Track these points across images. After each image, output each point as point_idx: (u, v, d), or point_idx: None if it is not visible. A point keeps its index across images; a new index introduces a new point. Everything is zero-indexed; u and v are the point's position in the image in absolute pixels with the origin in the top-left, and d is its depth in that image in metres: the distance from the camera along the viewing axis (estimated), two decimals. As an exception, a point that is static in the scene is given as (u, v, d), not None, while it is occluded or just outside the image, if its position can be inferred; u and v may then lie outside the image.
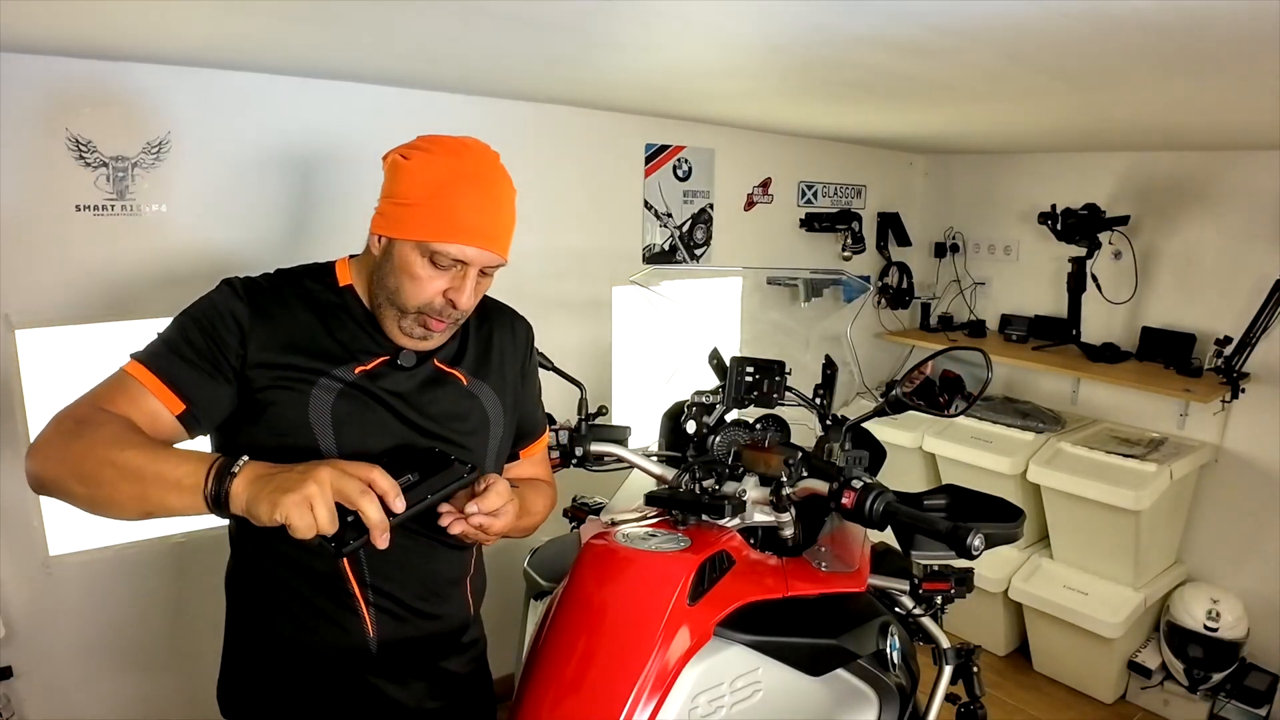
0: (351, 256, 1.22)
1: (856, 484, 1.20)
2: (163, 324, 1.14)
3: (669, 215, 2.88)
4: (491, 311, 1.33)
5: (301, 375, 1.11)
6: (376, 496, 0.93)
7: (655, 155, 2.79)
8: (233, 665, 1.26)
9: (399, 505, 0.94)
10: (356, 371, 1.14)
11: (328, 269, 1.21)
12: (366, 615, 1.17)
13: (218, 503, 0.92)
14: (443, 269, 1.10)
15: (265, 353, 1.10)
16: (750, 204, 3.16)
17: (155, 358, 1.07)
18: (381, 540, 0.93)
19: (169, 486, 0.93)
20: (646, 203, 2.80)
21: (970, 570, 1.54)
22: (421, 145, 1.12)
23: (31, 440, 0.99)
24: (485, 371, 1.26)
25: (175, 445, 1.03)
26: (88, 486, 0.95)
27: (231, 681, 1.26)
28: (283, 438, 1.10)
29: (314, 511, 0.89)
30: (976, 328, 3.58)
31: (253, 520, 0.91)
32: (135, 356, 1.08)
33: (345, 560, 1.13)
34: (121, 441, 0.95)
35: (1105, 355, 3.09)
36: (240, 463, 0.94)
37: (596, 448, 1.58)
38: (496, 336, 1.30)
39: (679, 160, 2.86)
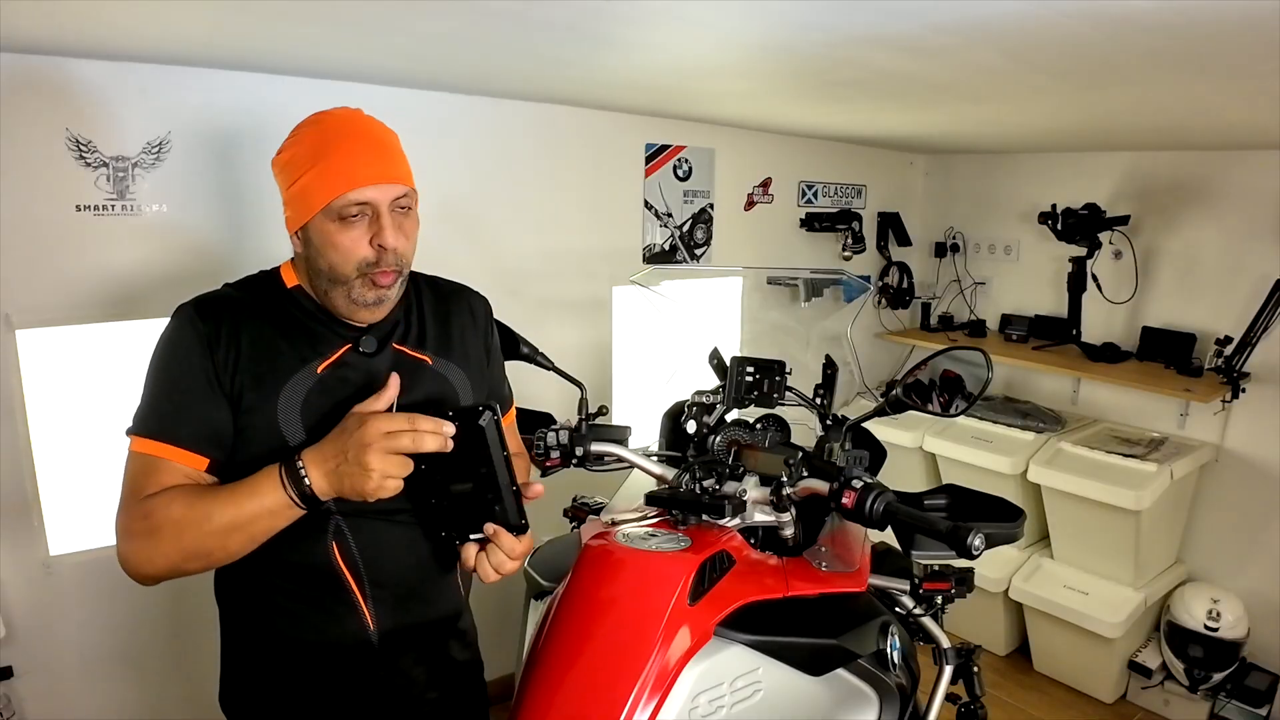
0: (292, 258, 1.23)
1: (857, 484, 1.19)
2: (163, 325, 1.15)
3: (669, 215, 2.88)
4: (447, 292, 1.33)
5: (266, 387, 1.12)
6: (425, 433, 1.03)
7: (655, 155, 2.79)
8: (233, 668, 1.26)
9: (450, 430, 1.04)
10: (320, 369, 1.15)
11: (274, 274, 1.22)
12: (365, 609, 1.17)
13: (308, 503, 1.04)
14: (356, 222, 1.10)
15: (230, 368, 1.11)
16: (750, 204, 3.16)
17: (155, 426, 1.10)
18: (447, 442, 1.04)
19: (265, 517, 1.04)
20: (646, 203, 2.80)
21: (970, 570, 1.54)
22: (290, 135, 1.16)
23: (118, 541, 1.08)
24: (448, 350, 1.27)
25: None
26: (202, 560, 1.06)
27: (233, 684, 1.27)
28: (258, 446, 1.11)
29: (397, 471, 1.01)
30: (977, 327, 3.58)
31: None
32: (136, 432, 1.11)
33: (338, 556, 1.15)
34: (200, 509, 1.04)
35: (1105, 355, 3.09)
36: (300, 465, 1.03)
37: (597, 448, 1.58)
38: (455, 315, 1.31)
39: (679, 160, 2.86)
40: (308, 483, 1.02)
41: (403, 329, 1.24)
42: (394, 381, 1.09)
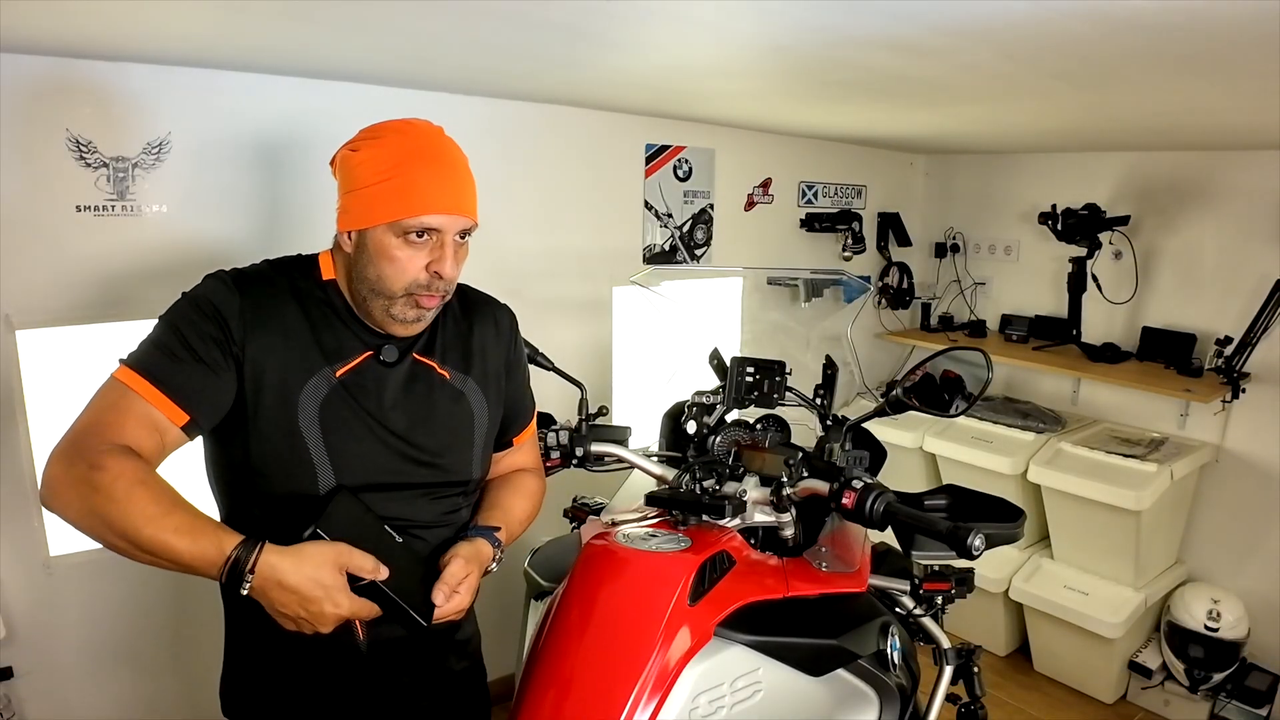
0: (332, 250, 1.21)
1: (857, 484, 1.19)
2: (162, 324, 1.14)
3: (669, 215, 2.88)
4: (473, 303, 1.32)
5: (290, 377, 1.11)
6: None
7: (655, 155, 2.79)
8: (234, 665, 1.27)
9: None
10: (339, 374, 1.14)
11: (312, 262, 1.20)
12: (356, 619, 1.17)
13: (234, 589, 0.97)
14: (418, 244, 1.10)
15: (257, 347, 1.10)
16: (750, 204, 3.16)
17: (151, 365, 1.06)
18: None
19: (184, 568, 0.97)
20: (647, 203, 2.80)
21: (971, 570, 1.54)
22: (365, 134, 1.13)
23: (41, 469, 1.01)
24: (468, 365, 1.26)
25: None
26: (106, 544, 0.98)
27: (233, 681, 1.27)
28: (273, 443, 1.11)
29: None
30: (977, 328, 3.58)
31: None
32: (129, 364, 1.06)
33: None
34: (132, 516, 0.95)
35: (1106, 355, 3.09)
36: (249, 576, 0.96)
37: (597, 448, 1.58)
38: (478, 329, 1.30)
39: (679, 160, 2.86)
40: (244, 591, 0.96)
41: (426, 339, 1.23)
42: (381, 571, 1.04)
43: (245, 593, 0.96)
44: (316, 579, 0.97)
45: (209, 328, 1.08)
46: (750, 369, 1.61)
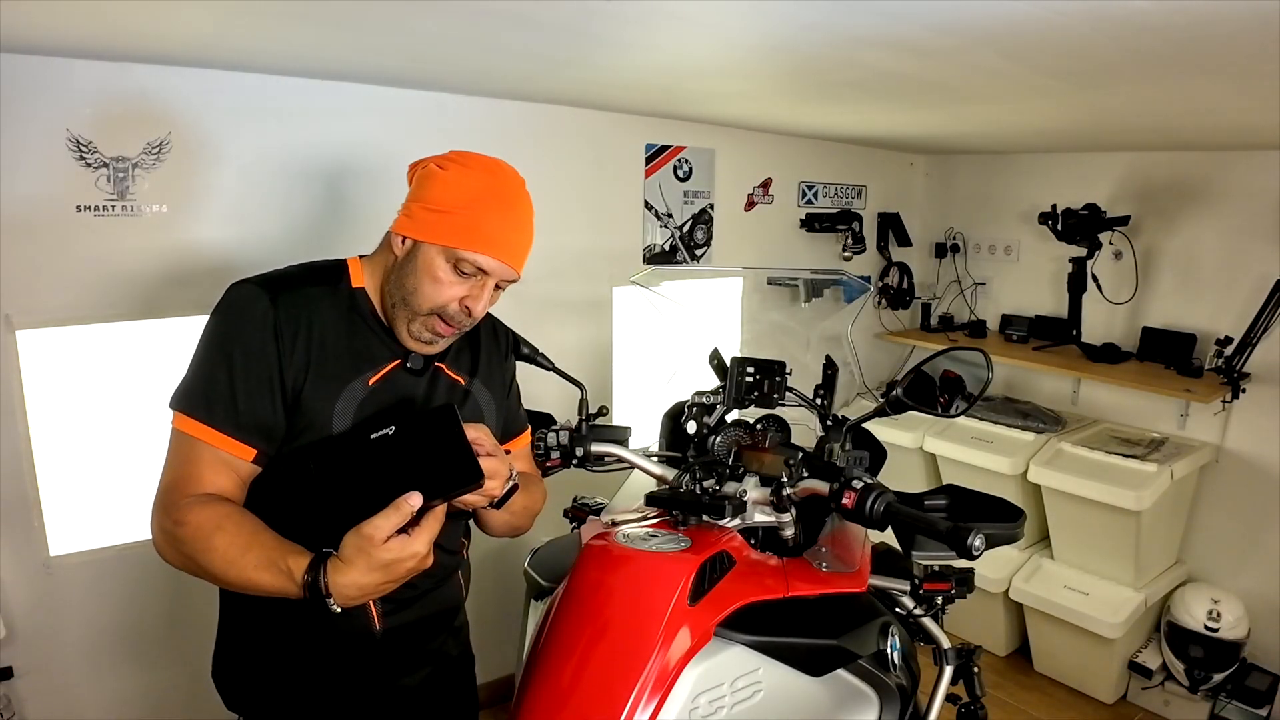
0: (362, 256, 1.24)
1: (857, 484, 1.19)
2: (162, 325, 1.14)
3: (669, 215, 2.88)
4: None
5: (325, 391, 1.13)
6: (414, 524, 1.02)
7: (655, 155, 2.79)
8: (229, 643, 1.28)
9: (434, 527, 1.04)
10: (371, 382, 1.17)
11: (341, 268, 1.22)
12: (374, 609, 1.21)
13: (326, 610, 0.99)
14: (464, 276, 1.14)
15: (296, 357, 1.12)
16: (750, 204, 3.16)
17: (206, 408, 1.08)
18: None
19: (274, 592, 1.02)
20: (647, 203, 2.80)
21: (971, 570, 1.54)
22: (457, 159, 1.17)
23: (151, 523, 1.09)
24: (478, 372, 1.32)
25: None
26: (214, 583, 1.07)
27: (227, 658, 1.28)
28: (304, 446, 1.12)
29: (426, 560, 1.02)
30: (977, 328, 3.58)
31: None
32: (186, 410, 1.09)
33: None
34: (216, 562, 1.02)
35: (1106, 355, 3.09)
36: (330, 600, 0.98)
37: (597, 448, 1.58)
38: (484, 339, 1.36)
39: (679, 160, 2.86)
40: (338, 610, 0.99)
41: (444, 349, 1.26)
42: (413, 501, 1.02)
43: (339, 610, 0.98)
44: (379, 563, 0.98)
45: (254, 348, 1.10)
46: (750, 369, 1.61)
